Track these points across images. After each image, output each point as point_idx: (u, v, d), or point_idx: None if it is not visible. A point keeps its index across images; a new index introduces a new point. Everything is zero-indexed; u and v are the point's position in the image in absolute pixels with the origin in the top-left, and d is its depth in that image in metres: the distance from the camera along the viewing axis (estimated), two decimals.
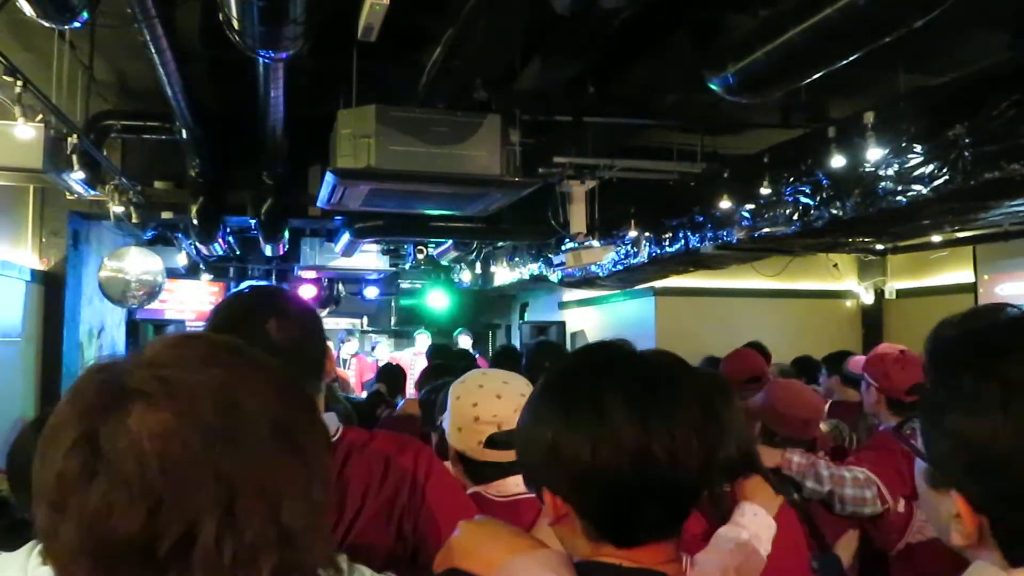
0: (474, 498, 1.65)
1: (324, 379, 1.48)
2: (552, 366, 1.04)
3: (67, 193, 4.64)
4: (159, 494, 0.61)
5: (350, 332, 10.51)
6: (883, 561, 2.67)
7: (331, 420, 1.44)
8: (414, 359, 8.49)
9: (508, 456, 1.68)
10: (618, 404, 0.90)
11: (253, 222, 6.53)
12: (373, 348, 10.51)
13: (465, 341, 9.39)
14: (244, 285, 1.68)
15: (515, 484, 1.69)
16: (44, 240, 5.96)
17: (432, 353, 5.91)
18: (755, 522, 1.62)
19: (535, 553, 0.95)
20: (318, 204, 4.80)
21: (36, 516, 0.66)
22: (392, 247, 8.99)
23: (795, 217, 4.85)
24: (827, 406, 4.12)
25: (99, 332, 7.14)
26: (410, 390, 5.35)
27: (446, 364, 4.27)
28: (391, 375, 5.19)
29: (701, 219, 5.77)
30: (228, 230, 7.39)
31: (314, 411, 0.76)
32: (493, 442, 1.68)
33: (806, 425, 2.64)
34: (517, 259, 8.76)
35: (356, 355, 9.55)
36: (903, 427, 2.72)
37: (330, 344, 1.56)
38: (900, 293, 8.51)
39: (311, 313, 1.50)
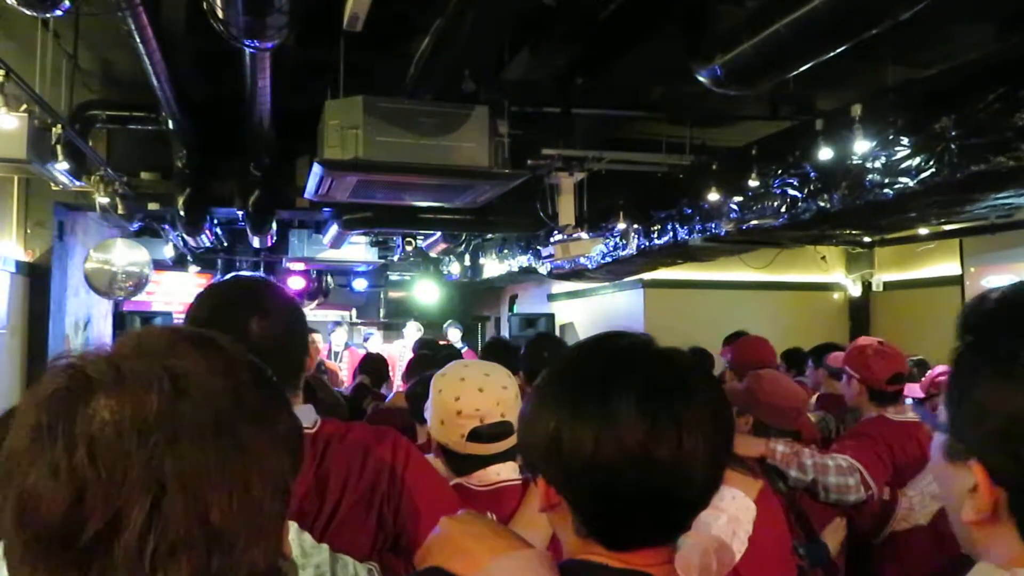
0: (456, 489, 1.65)
1: (302, 375, 1.47)
2: (565, 353, 1.01)
3: (52, 184, 4.61)
4: (84, 481, 0.60)
5: (338, 323, 10.48)
6: (869, 548, 2.69)
7: (308, 413, 1.44)
8: (403, 351, 8.47)
9: (491, 449, 1.69)
10: (627, 402, 0.86)
11: (240, 213, 6.50)
12: (366, 340, 10.48)
13: (454, 334, 9.38)
14: (228, 276, 1.66)
15: (495, 473, 1.70)
16: (29, 231, 5.92)
17: (419, 346, 5.90)
18: (734, 505, 1.63)
19: (517, 554, 0.93)
20: (306, 195, 4.79)
21: None
22: (381, 239, 8.96)
23: (783, 209, 4.86)
24: (815, 398, 4.15)
25: (85, 324, 7.10)
26: (398, 382, 5.34)
27: (432, 356, 4.27)
28: (373, 366, 5.17)
29: (689, 211, 5.78)
30: (215, 221, 7.35)
31: (277, 406, 0.74)
32: (476, 435, 1.68)
33: (790, 415, 2.66)
34: (506, 251, 8.76)
35: (348, 347, 9.52)
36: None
37: (319, 336, 1.56)
38: (887, 285, 8.56)
39: (294, 309, 1.48)
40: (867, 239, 7.19)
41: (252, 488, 0.66)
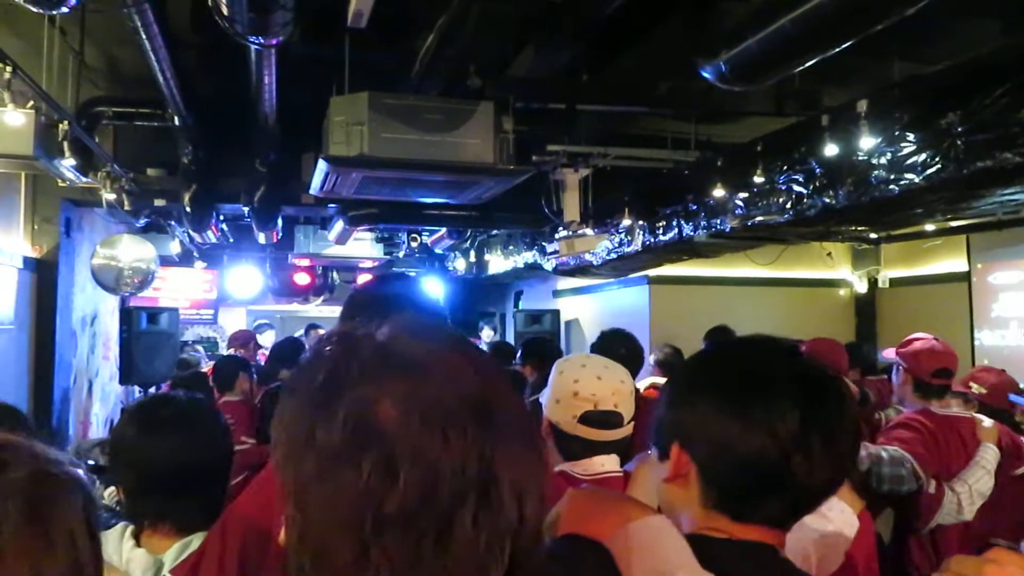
0: (560, 476, 1.71)
1: None
2: (717, 347, 1.14)
3: (59, 180, 4.63)
4: (430, 471, 0.62)
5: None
6: (909, 540, 2.73)
7: None
8: None
9: (599, 435, 1.75)
10: (787, 396, 0.95)
11: (246, 209, 6.51)
12: None
13: (488, 334, 9.36)
14: (382, 274, 1.74)
15: (600, 464, 1.76)
16: (36, 227, 5.94)
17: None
18: (841, 517, 1.63)
19: (651, 519, 0.97)
20: (311, 192, 4.79)
21: (293, 471, 0.66)
22: (386, 235, 8.97)
23: (788, 206, 4.85)
24: None
25: (92, 320, 7.13)
26: None
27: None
28: None
29: (695, 207, 5.77)
30: (221, 217, 7.37)
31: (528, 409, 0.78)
32: (587, 419, 1.75)
33: None
34: (511, 247, 8.75)
35: None
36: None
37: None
38: (893, 282, 8.53)
39: (439, 309, 1.56)
40: (873, 235, 7.17)
41: (544, 483, 0.71)
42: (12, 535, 0.77)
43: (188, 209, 6.09)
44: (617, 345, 3.33)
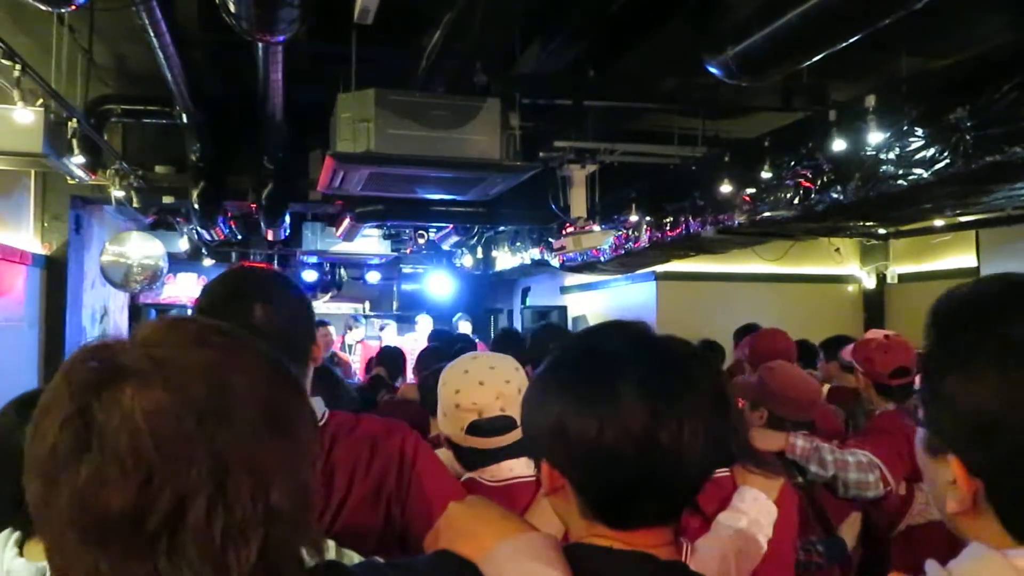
0: (467, 484, 1.65)
1: (310, 365, 1.47)
2: (567, 341, 1.03)
3: (68, 178, 4.65)
4: (151, 469, 0.62)
5: (356, 318, 10.51)
6: (884, 543, 2.69)
7: (318, 404, 1.44)
8: (415, 344, 8.49)
9: (491, 443, 1.69)
10: (631, 388, 0.88)
11: (254, 206, 6.53)
12: (382, 329, 10.47)
13: (465, 326, 9.39)
14: (235, 266, 1.70)
15: (508, 469, 1.69)
16: (46, 224, 5.98)
17: (431, 337, 5.90)
18: (755, 507, 1.62)
19: (524, 537, 0.94)
20: (319, 188, 4.80)
21: (28, 491, 0.67)
22: (393, 232, 8.98)
23: (796, 201, 4.84)
24: (825, 391, 4.14)
25: (102, 316, 7.17)
26: (410, 374, 5.35)
27: (443, 348, 4.27)
28: (391, 358, 5.19)
29: (702, 203, 5.76)
30: (229, 214, 7.40)
31: (303, 394, 0.76)
32: (475, 429, 1.69)
33: (804, 406, 2.65)
34: (518, 244, 8.75)
35: (361, 341, 9.53)
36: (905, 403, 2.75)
37: (332, 329, 1.57)
38: (902, 278, 8.49)
39: (300, 299, 1.48)
40: (881, 231, 7.14)
41: (300, 468, 0.70)
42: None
43: (196, 206, 6.11)
44: (549, 341, 3.27)
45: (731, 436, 1.71)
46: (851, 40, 2.96)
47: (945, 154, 3.73)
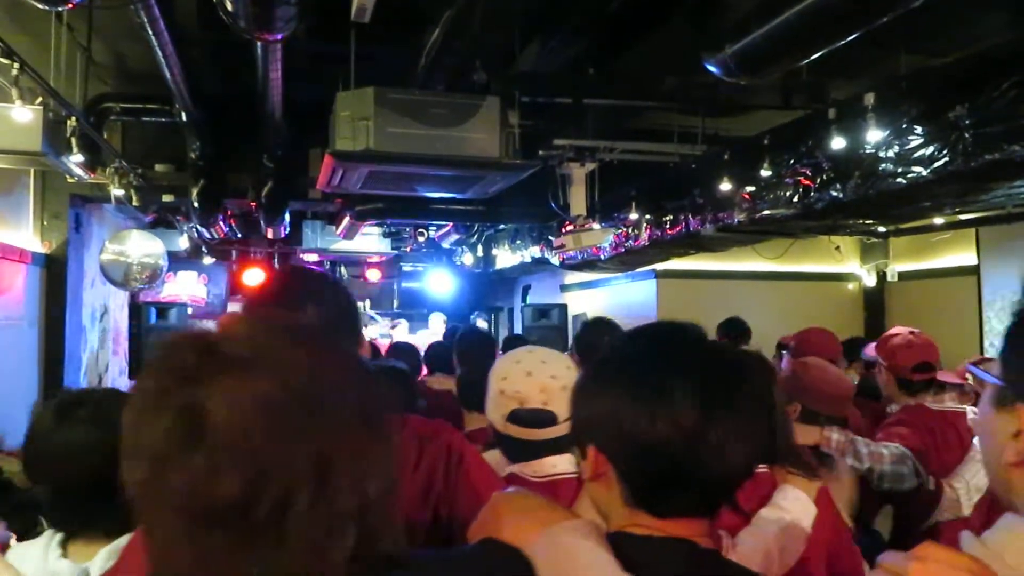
0: (511, 479, 1.67)
1: None
2: (627, 335, 1.09)
3: (67, 176, 4.65)
4: (262, 461, 0.63)
5: (371, 317, 10.49)
6: (913, 537, 2.70)
7: None
8: (427, 341, 8.48)
9: (531, 434, 1.69)
10: (685, 387, 0.93)
11: (254, 205, 6.53)
12: (393, 328, 10.45)
13: (482, 325, 9.42)
14: (286, 265, 1.73)
15: (552, 465, 1.69)
16: (45, 223, 5.98)
17: (464, 333, 5.82)
18: (796, 506, 1.63)
19: (569, 523, 0.97)
20: (318, 186, 4.80)
21: (129, 476, 0.67)
22: (393, 230, 8.99)
23: (795, 199, 4.84)
24: None
25: (102, 315, 7.17)
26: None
27: (476, 340, 4.30)
28: (408, 355, 5.11)
29: (702, 201, 5.76)
30: (229, 213, 7.40)
31: (384, 393, 0.78)
32: (515, 418, 1.69)
33: (838, 401, 2.65)
34: (519, 242, 8.76)
35: (372, 340, 9.53)
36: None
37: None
38: (902, 275, 8.49)
39: (347, 300, 1.51)
40: (881, 229, 7.12)
41: (390, 466, 0.72)
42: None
43: (196, 204, 6.11)
44: (599, 334, 3.28)
45: (774, 437, 1.73)
46: (850, 38, 2.96)
47: (945, 152, 3.73)
